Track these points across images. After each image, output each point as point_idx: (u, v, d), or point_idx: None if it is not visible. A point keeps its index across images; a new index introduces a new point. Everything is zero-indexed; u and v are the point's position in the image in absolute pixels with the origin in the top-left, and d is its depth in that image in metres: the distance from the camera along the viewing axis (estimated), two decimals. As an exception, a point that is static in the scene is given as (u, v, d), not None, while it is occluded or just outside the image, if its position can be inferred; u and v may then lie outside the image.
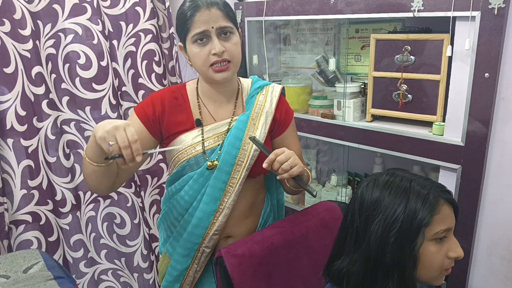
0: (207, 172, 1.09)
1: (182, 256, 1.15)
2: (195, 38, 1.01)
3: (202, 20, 0.99)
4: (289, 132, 1.21)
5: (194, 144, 1.09)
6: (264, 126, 1.12)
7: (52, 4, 1.45)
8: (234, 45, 1.04)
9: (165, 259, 1.21)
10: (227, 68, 1.03)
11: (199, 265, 1.15)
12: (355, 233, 0.81)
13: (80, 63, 1.55)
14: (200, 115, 1.12)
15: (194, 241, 1.12)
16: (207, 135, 1.10)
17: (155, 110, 1.09)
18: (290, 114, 1.21)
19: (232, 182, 1.10)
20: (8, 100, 1.39)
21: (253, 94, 1.16)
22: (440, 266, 0.77)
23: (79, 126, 1.59)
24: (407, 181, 0.78)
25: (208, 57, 1.01)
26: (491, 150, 1.27)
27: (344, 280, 0.82)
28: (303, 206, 1.84)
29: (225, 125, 1.11)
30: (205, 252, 1.14)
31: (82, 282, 1.73)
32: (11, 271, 1.12)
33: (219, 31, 1.01)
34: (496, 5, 1.13)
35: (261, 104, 1.14)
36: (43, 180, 1.49)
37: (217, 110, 1.13)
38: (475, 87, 1.21)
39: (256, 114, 1.13)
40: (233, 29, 1.04)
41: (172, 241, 1.18)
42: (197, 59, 1.03)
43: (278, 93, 1.16)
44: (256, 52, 1.88)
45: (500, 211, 1.30)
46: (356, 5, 1.43)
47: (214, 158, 1.09)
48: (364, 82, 1.63)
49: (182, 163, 1.10)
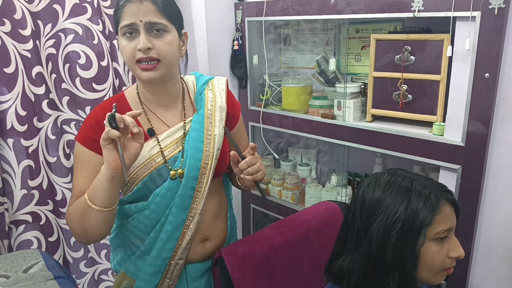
0: (174, 183, 1.00)
1: (151, 275, 1.04)
2: (124, 31, 0.93)
3: (131, 11, 0.92)
4: (239, 126, 1.16)
5: (153, 156, 0.99)
6: (221, 122, 1.07)
7: (52, 4, 1.45)
8: (166, 44, 0.94)
9: (125, 279, 1.09)
10: (154, 68, 0.94)
11: (172, 278, 1.07)
12: (356, 232, 0.81)
13: (80, 63, 1.55)
14: (149, 123, 1.02)
15: (164, 256, 1.03)
16: (164, 143, 1.01)
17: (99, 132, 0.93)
18: (238, 107, 1.16)
19: (200, 186, 1.03)
20: (9, 100, 1.39)
21: (201, 90, 1.09)
22: (441, 266, 0.77)
23: (79, 126, 1.59)
24: (409, 181, 0.78)
25: (134, 51, 0.93)
26: (491, 150, 1.27)
27: (344, 279, 0.82)
28: (303, 206, 1.84)
29: (180, 129, 1.03)
30: (178, 264, 1.06)
31: (82, 282, 1.73)
32: (11, 271, 1.12)
33: (149, 26, 0.92)
34: (496, 5, 1.13)
35: (212, 100, 1.08)
36: (43, 180, 1.49)
37: (166, 115, 1.04)
38: (475, 87, 1.21)
39: (209, 111, 1.06)
40: (167, 27, 0.95)
41: (134, 260, 1.07)
42: (124, 53, 0.95)
43: (225, 86, 1.12)
44: (256, 52, 1.88)
45: (500, 212, 1.30)
46: (356, 5, 1.43)
47: (177, 166, 1.01)
48: (364, 82, 1.63)
49: (143, 178, 0.99)
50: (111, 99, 1.05)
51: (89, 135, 0.98)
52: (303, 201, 1.87)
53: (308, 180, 1.91)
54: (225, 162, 1.09)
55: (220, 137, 1.06)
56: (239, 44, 1.88)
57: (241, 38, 1.88)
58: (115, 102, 0.97)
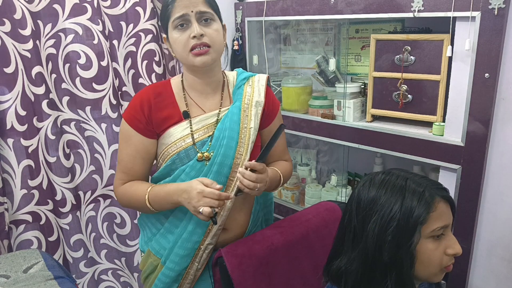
0: (199, 165, 1.08)
1: (181, 257, 1.11)
2: (176, 24, 1.01)
3: (182, 4, 1.00)
4: (276, 123, 1.19)
5: (183, 136, 1.08)
6: (257, 117, 1.12)
7: (52, 4, 1.45)
8: (215, 31, 1.03)
9: (150, 257, 1.17)
10: (206, 52, 1.02)
11: (201, 262, 1.13)
12: (352, 232, 0.81)
13: (80, 63, 1.55)
14: (187, 107, 1.11)
15: (195, 240, 1.10)
16: (196, 126, 1.09)
17: (143, 111, 1.08)
18: (277, 105, 1.21)
19: (233, 175, 1.09)
20: (8, 100, 1.39)
21: (240, 85, 1.15)
22: (439, 263, 0.77)
23: (79, 126, 1.59)
24: (403, 179, 0.79)
25: (188, 41, 1.01)
26: (491, 150, 1.27)
27: (342, 280, 0.82)
28: (303, 206, 1.84)
29: (213, 116, 1.11)
30: (207, 249, 1.12)
31: (82, 282, 1.73)
32: (11, 271, 1.12)
33: (199, 16, 1.01)
34: (496, 5, 1.13)
35: (250, 95, 1.14)
36: (43, 180, 1.49)
37: (204, 102, 1.12)
38: (475, 87, 1.21)
39: (246, 105, 1.12)
40: (214, 16, 1.04)
41: (159, 238, 1.15)
42: (178, 45, 1.03)
43: (265, 83, 1.17)
44: (256, 52, 1.88)
45: (500, 211, 1.31)
46: (356, 5, 1.44)
47: (204, 149, 1.08)
48: (364, 82, 1.63)
49: (172, 156, 1.08)
50: (159, 83, 1.15)
51: (133, 114, 1.08)
52: (303, 201, 1.87)
53: (308, 180, 1.91)
54: (256, 155, 1.11)
55: (255, 131, 1.12)
56: (239, 44, 1.88)
57: (241, 38, 1.88)
58: (162, 86, 1.12)
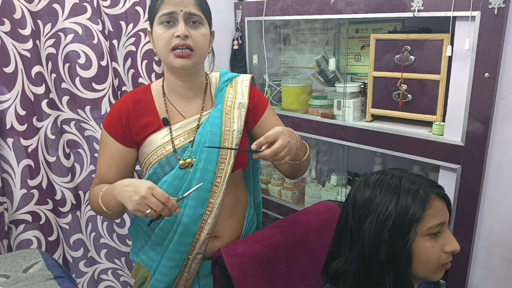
0: (182, 173, 1.05)
1: (169, 268, 1.08)
2: (162, 20, 0.98)
3: (172, 2, 0.97)
4: (268, 115, 1.15)
5: (163, 144, 1.05)
6: (240, 119, 1.09)
7: (52, 4, 1.45)
8: (201, 35, 1.00)
9: (140, 269, 1.14)
10: (188, 56, 0.99)
11: (190, 273, 1.10)
12: (349, 233, 0.81)
13: (80, 62, 1.54)
14: (167, 114, 1.08)
15: (183, 250, 1.07)
16: (176, 133, 1.06)
17: (121, 120, 1.06)
18: (264, 100, 1.17)
19: (218, 181, 1.06)
20: (8, 99, 1.39)
21: (222, 87, 1.12)
22: (437, 261, 0.77)
23: (79, 126, 1.59)
24: (397, 178, 0.79)
25: (171, 39, 0.98)
26: (491, 150, 1.27)
27: (340, 281, 0.82)
28: (303, 206, 1.84)
29: (194, 121, 1.08)
30: (196, 259, 1.09)
31: (82, 282, 1.73)
32: (11, 270, 1.12)
33: (187, 17, 0.98)
34: (496, 5, 1.13)
35: (232, 97, 1.11)
36: (43, 179, 1.49)
37: (185, 107, 1.09)
38: (475, 87, 1.21)
39: (228, 107, 1.09)
40: (203, 20, 1.02)
41: (147, 250, 1.12)
42: (160, 41, 0.99)
43: (249, 83, 1.14)
44: (256, 52, 1.88)
45: (500, 211, 1.31)
46: (356, 5, 1.43)
47: (186, 156, 1.05)
48: (364, 82, 1.63)
49: (154, 165, 1.05)
50: (139, 90, 1.13)
51: (111, 122, 1.07)
52: (302, 201, 1.87)
53: (307, 179, 1.91)
54: (244, 158, 1.11)
55: (239, 133, 1.08)
56: (239, 44, 1.88)
57: (241, 38, 1.88)
58: (142, 93, 1.10)
